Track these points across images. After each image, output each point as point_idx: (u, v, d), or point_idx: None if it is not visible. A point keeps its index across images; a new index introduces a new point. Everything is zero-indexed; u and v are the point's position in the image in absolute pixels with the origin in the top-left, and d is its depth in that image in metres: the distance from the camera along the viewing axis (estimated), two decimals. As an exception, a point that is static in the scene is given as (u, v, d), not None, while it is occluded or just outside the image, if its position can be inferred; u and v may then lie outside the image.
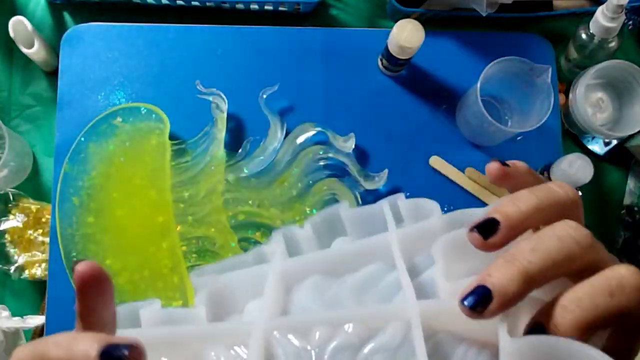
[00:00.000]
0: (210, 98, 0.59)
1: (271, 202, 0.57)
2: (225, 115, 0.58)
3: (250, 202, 0.57)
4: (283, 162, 0.58)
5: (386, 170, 0.59)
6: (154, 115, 0.57)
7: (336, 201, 0.58)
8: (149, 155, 0.57)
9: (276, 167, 0.58)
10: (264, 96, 0.60)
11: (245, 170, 0.58)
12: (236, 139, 0.62)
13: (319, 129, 0.59)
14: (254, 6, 0.66)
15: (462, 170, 0.63)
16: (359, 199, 0.58)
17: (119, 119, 0.58)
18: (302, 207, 0.57)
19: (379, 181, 0.59)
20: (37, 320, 0.57)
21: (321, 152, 0.58)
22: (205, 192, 0.56)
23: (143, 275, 0.54)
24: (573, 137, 0.69)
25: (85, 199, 0.56)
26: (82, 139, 0.57)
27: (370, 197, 0.61)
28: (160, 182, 0.56)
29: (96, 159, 0.57)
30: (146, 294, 0.54)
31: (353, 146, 0.59)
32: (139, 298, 0.54)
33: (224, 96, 0.59)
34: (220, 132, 0.57)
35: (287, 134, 0.59)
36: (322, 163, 0.59)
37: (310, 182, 0.58)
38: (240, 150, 0.59)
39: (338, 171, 0.60)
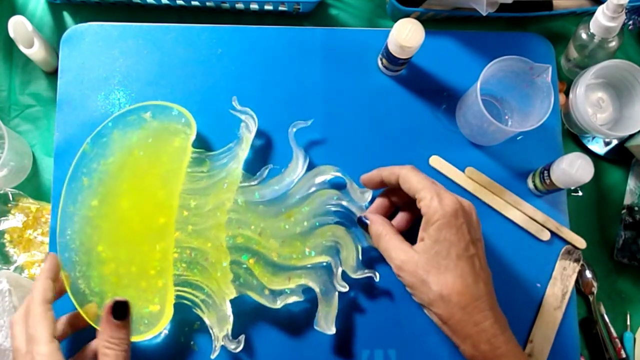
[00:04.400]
0: (242, 117, 0.59)
1: (273, 233, 0.56)
2: (252, 136, 0.57)
3: (252, 227, 0.56)
4: (295, 197, 0.57)
5: None
6: (183, 119, 0.57)
7: (337, 249, 0.57)
8: (168, 157, 0.56)
9: (288, 199, 0.57)
10: (294, 130, 0.59)
11: (257, 195, 0.57)
12: (256, 161, 0.61)
13: (339, 174, 0.58)
14: (254, 6, 0.66)
15: (462, 170, 0.63)
16: (360, 253, 0.57)
17: (149, 114, 0.57)
18: (302, 246, 0.56)
19: None
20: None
21: (335, 198, 0.57)
22: (211, 206, 0.55)
23: (129, 270, 0.54)
24: (573, 136, 0.69)
25: (95, 182, 0.55)
26: (109, 123, 0.57)
27: (375, 252, 0.59)
28: (172, 185, 0.55)
29: (116, 147, 0.56)
30: (127, 290, 0.53)
31: (369, 199, 0.58)
32: (120, 292, 0.53)
33: (255, 117, 0.58)
34: (243, 151, 0.57)
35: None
36: (333, 208, 0.58)
37: (317, 223, 0.57)
38: (257, 175, 0.58)
39: (347, 220, 0.58)
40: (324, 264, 0.57)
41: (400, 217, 0.56)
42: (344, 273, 0.56)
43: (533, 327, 0.60)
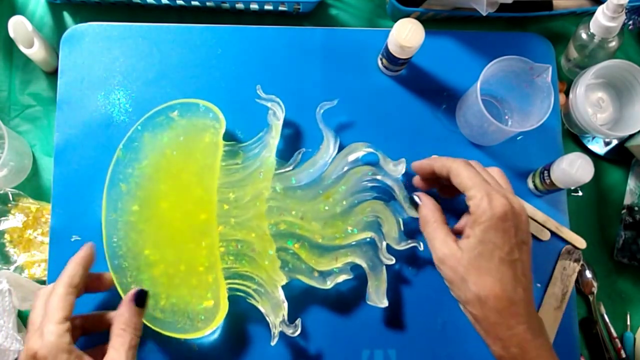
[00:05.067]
0: (269, 104, 0.59)
1: (314, 216, 0.57)
2: (280, 123, 0.58)
3: (293, 212, 0.56)
4: (331, 178, 0.58)
5: None
6: (211, 114, 0.57)
7: (378, 224, 0.58)
8: (201, 153, 0.57)
9: (324, 181, 0.58)
10: (321, 111, 0.59)
11: (293, 181, 0.58)
12: (288, 148, 0.62)
13: (371, 149, 0.59)
14: (254, 6, 0.66)
15: (462, 170, 0.62)
16: (402, 225, 0.58)
17: (176, 113, 0.58)
18: (344, 225, 0.57)
19: None
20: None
21: (370, 174, 0.58)
22: (250, 197, 0.56)
23: (179, 269, 0.54)
24: (573, 136, 0.69)
25: (133, 187, 0.56)
26: (139, 127, 0.57)
27: (415, 224, 0.60)
28: (208, 180, 0.56)
29: (149, 149, 0.57)
30: (179, 289, 0.54)
31: (403, 171, 0.58)
32: (172, 292, 0.54)
33: (282, 104, 0.59)
34: (274, 139, 0.57)
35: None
36: (369, 184, 0.59)
37: (356, 201, 0.58)
38: (290, 160, 0.59)
39: (384, 194, 0.59)
40: (368, 239, 0.58)
41: (446, 189, 0.56)
42: (388, 246, 0.57)
43: (533, 327, 0.60)
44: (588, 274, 0.65)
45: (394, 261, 0.57)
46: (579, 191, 0.68)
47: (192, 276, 0.54)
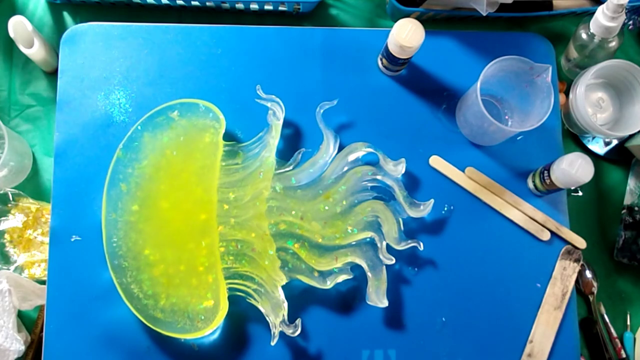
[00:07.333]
0: (269, 104, 0.59)
1: (314, 216, 0.57)
2: (281, 123, 0.58)
3: (293, 212, 0.57)
4: (331, 178, 0.58)
5: (432, 200, 0.59)
6: (211, 114, 0.58)
7: (378, 224, 0.58)
8: (201, 153, 0.57)
9: (324, 181, 0.58)
10: (321, 111, 0.60)
11: (293, 181, 0.58)
12: (288, 148, 0.62)
13: (371, 149, 0.59)
14: (254, 6, 0.66)
15: (462, 170, 0.63)
16: (402, 225, 0.58)
17: (176, 113, 0.58)
18: (344, 225, 0.57)
19: (424, 210, 0.59)
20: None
21: (370, 174, 0.59)
22: (250, 197, 0.56)
23: (179, 269, 0.55)
24: (573, 136, 0.69)
25: (133, 187, 0.56)
26: (139, 127, 0.58)
27: (414, 224, 0.61)
28: (208, 180, 0.56)
29: (149, 149, 0.57)
30: (179, 289, 0.54)
31: (403, 171, 0.59)
32: (172, 292, 0.54)
33: (282, 104, 0.59)
34: (274, 139, 0.57)
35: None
36: (369, 184, 0.59)
37: (356, 201, 0.58)
38: (290, 160, 0.59)
39: (384, 194, 0.60)
40: (368, 239, 0.58)
41: None
42: (388, 246, 0.57)
43: (533, 327, 0.60)
44: (588, 274, 0.65)
45: (394, 261, 0.57)
46: (579, 191, 0.68)
47: (192, 276, 0.54)
